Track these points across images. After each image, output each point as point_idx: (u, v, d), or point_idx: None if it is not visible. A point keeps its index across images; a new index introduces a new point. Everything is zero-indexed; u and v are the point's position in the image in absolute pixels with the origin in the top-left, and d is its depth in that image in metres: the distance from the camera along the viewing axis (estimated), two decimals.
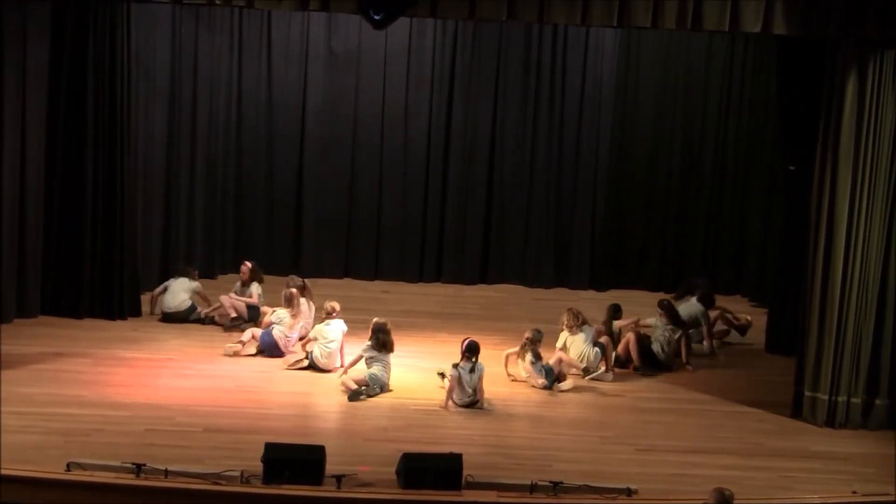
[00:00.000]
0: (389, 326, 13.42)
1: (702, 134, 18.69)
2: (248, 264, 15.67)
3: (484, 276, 18.53)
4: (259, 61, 18.05)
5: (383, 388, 13.17)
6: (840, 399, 12.81)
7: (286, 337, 14.26)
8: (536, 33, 18.16)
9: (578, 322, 14.08)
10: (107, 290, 15.33)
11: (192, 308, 15.45)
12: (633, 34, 18.05)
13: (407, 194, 18.47)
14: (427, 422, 12.54)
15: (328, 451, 10.60)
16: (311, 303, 14.82)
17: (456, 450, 10.76)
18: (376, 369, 13.17)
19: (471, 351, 12.97)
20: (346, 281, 17.82)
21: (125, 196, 15.35)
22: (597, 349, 14.05)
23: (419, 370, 13.93)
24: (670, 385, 14.11)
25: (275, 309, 14.58)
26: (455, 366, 12.91)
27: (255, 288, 15.44)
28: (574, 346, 14.01)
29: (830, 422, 12.81)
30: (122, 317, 15.37)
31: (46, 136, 15.04)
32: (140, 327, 15.15)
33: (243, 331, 14.68)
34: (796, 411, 13.08)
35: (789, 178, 15.11)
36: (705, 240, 18.47)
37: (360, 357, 13.31)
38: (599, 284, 18.35)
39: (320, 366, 13.77)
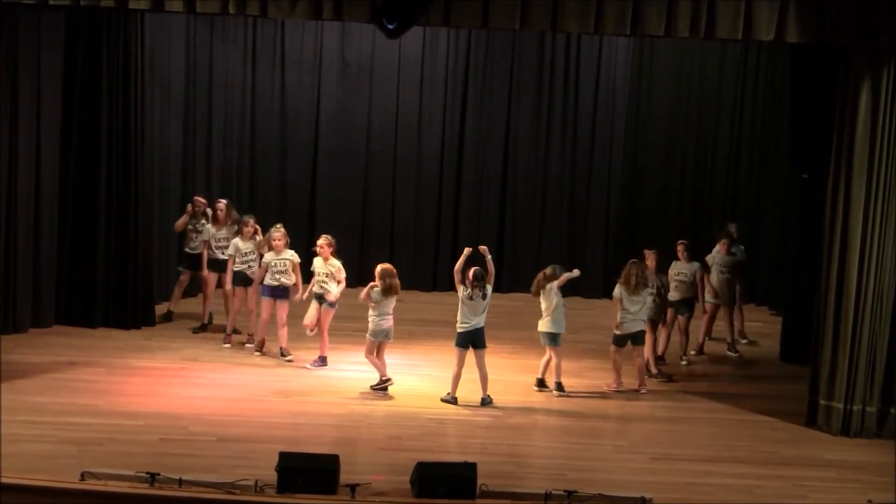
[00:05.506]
0: (391, 269, 13.72)
1: (715, 143, 18.68)
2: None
3: (497, 284, 18.41)
4: (273, 71, 18.10)
5: (386, 336, 13.55)
6: (855, 408, 12.77)
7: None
8: (550, 42, 18.19)
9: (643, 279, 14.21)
10: (120, 300, 15.37)
11: None
12: (647, 43, 18.05)
13: (420, 203, 18.48)
14: (441, 431, 12.53)
15: (342, 460, 10.59)
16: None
17: (470, 459, 10.75)
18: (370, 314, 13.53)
19: (476, 279, 13.23)
20: (359, 290, 17.73)
21: (139, 205, 15.39)
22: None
23: (432, 379, 13.94)
24: (683, 394, 14.09)
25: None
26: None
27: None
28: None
29: (845, 430, 12.77)
30: (136, 326, 15.41)
31: (61, 145, 15.07)
32: (153, 337, 15.19)
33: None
34: (810, 420, 13.04)
35: (803, 187, 15.10)
36: None
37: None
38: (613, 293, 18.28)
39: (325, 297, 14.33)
